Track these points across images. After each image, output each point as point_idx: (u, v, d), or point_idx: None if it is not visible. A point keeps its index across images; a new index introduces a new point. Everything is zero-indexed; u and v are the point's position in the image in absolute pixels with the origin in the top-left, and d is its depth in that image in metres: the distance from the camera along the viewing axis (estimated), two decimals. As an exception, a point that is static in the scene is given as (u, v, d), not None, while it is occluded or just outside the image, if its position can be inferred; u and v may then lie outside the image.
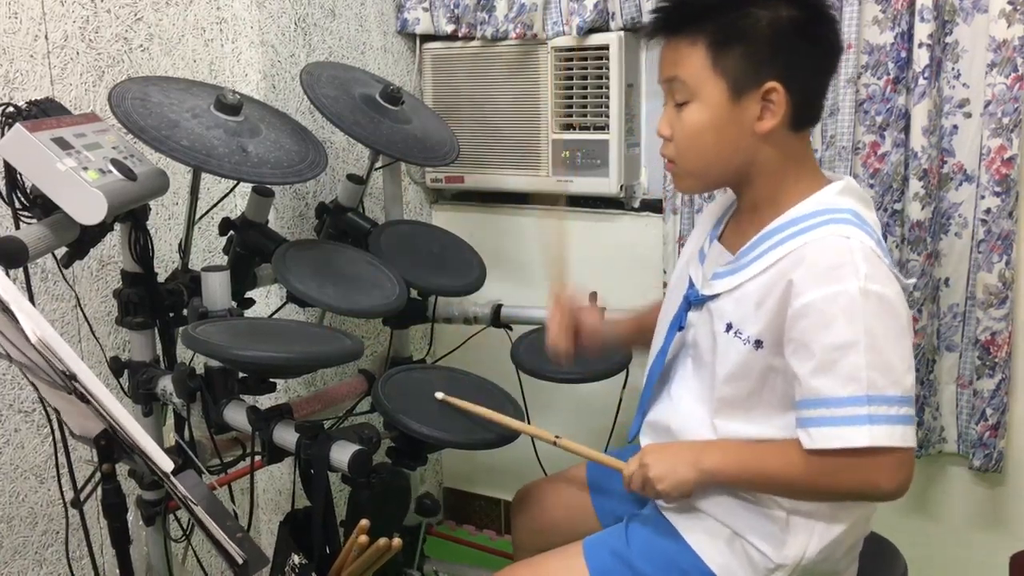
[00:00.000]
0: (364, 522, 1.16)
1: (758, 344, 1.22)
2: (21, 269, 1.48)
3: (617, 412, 1.84)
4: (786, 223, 1.23)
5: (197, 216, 1.69)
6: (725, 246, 1.34)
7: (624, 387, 1.78)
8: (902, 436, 1.13)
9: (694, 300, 1.33)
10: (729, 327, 1.25)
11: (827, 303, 1.14)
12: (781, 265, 1.19)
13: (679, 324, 1.36)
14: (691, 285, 1.35)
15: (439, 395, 1.53)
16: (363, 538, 1.15)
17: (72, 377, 1.03)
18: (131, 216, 1.53)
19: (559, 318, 1.51)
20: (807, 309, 1.15)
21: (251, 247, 1.73)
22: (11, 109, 1.41)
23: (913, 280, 1.83)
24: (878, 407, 1.12)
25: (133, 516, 1.60)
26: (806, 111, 1.25)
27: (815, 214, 1.21)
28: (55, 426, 1.54)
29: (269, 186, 1.72)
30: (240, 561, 0.99)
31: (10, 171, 1.38)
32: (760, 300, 1.21)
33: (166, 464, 1.03)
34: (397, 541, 1.17)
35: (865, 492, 1.17)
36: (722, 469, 1.23)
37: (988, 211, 1.79)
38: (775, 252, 1.21)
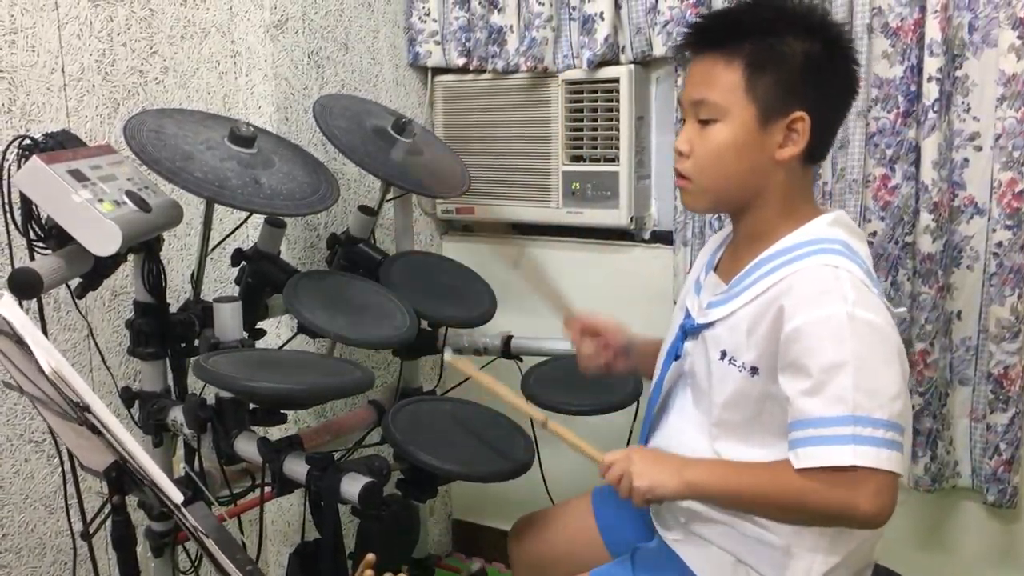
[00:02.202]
0: (370, 556, 1.15)
1: (754, 371, 1.23)
2: (34, 299, 1.49)
3: (628, 444, 1.83)
4: (777, 252, 1.25)
5: (210, 247, 1.69)
6: (720, 276, 1.36)
7: (635, 419, 1.77)
8: (888, 459, 1.12)
9: (690, 329, 1.35)
10: (724, 354, 1.27)
11: (815, 326, 1.15)
12: (771, 292, 1.21)
13: (675, 353, 1.38)
14: (687, 315, 1.37)
15: (448, 356, 1.50)
16: (369, 573, 1.14)
17: (85, 408, 1.03)
18: (145, 247, 1.54)
19: (579, 332, 1.54)
20: (797, 333, 1.16)
21: (263, 278, 1.74)
22: (28, 141, 1.43)
23: (903, 309, 1.82)
24: (863, 428, 1.12)
25: (142, 547, 1.60)
26: (822, 145, 1.29)
27: (805, 244, 1.23)
28: (65, 457, 1.54)
29: (281, 217, 1.73)
30: (249, 594, 0.99)
31: (26, 202, 1.40)
32: (751, 327, 1.23)
33: (176, 496, 1.03)
34: (404, 576, 1.16)
35: (845, 515, 1.15)
36: (705, 482, 1.22)
37: (1000, 244, 1.78)
38: (766, 280, 1.23)
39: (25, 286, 1.27)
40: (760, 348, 1.22)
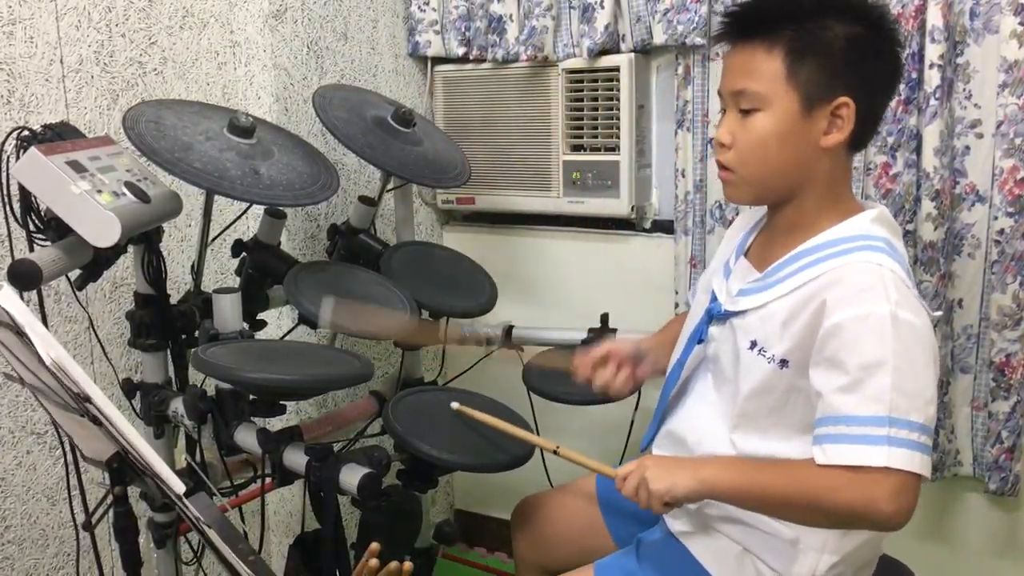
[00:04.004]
0: (374, 545, 1.15)
1: (783, 363, 1.21)
2: (34, 291, 1.49)
3: (629, 433, 1.83)
4: (820, 244, 1.23)
5: (210, 238, 1.69)
6: (752, 262, 1.33)
7: (636, 408, 1.77)
8: (920, 463, 1.11)
9: (716, 314, 1.33)
10: (753, 344, 1.25)
11: (857, 323, 1.13)
12: (813, 286, 1.19)
13: (699, 337, 1.36)
14: (714, 299, 1.35)
15: (455, 405, 1.52)
16: (373, 562, 1.14)
17: (86, 399, 1.03)
18: (144, 238, 1.54)
19: (591, 370, 1.50)
20: (837, 329, 1.15)
21: (263, 269, 1.74)
22: (26, 132, 1.42)
23: (940, 313, 1.81)
24: (899, 430, 1.11)
25: (144, 538, 1.60)
26: (868, 130, 1.26)
27: (850, 239, 1.21)
28: (67, 448, 1.54)
29: (281, 208, 1.73)
30: (251, 584, 0.99)
31: (25, 194, 1.39)
32: (787, 319, 1.21)
33: (178, 486, 1.03)
34: (408, 565, 1.16)
35: (865, 514, 1.14)
36: (721, 479, 1.21)
37: (1002, 232, 1.78)
38: (807, 272, 1.21)
39: (25, 277, 1.27)
40: (794, 341, 1.20)
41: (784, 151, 1.23)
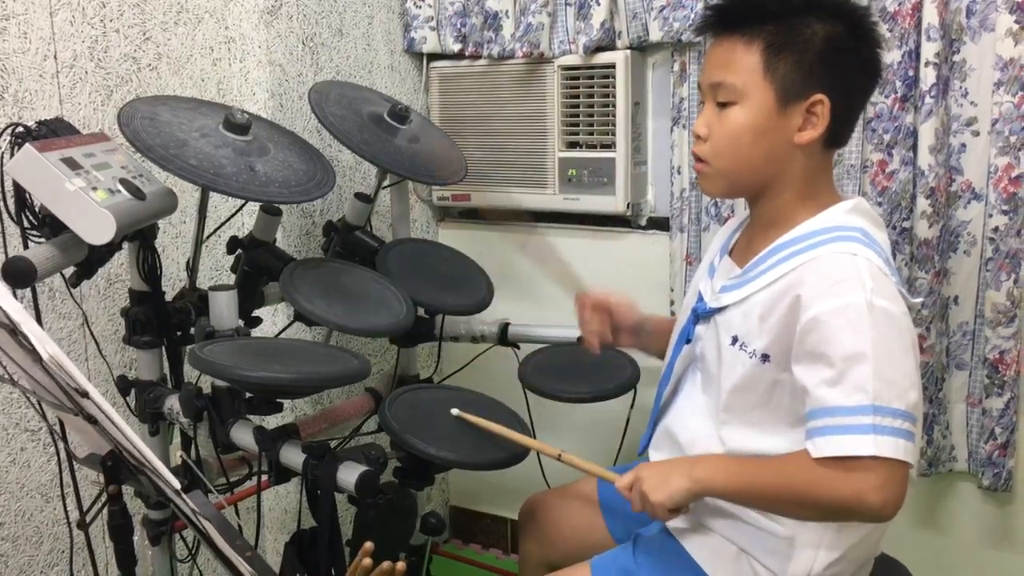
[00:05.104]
0: (368, 545, 1.15)
1: (765, 358, 1.22)
2: (28, 288, 1.48)
3: (624, 431, 1.84)
4: (795, 238, 1.24)
5: (205, 235, 1.69)
6: (734, 260, 1.35)
7: (632, 406, 1.77)
8: (905, 450, 1.12)
9: (702, 313, 1.34)
10: (735, 340, 1.26)
11: (834, 315, 1.14)
12: (787, 280, 1.20)
13: (687, 337, 1.37)
14: (700, 299, 1.37)
15: (455, 411, 1.52)
16: (367, 561, 1.14)
17: (84, 394, 1.03)
18: (139, 235, 1.54)
19: (589, 309, 1.55)
20: (814, 323, 1.15)
21: (259, 266, 1.73)
22: (20, 129, 1.42)
23: (920, 299, 1.82)
24: (883, 418, 1.11)
25: (138, 536, 1.60)
26: (843, 129, 1.27)
27: (824, 231, 1.22)
28: (60, 446, 1.53)
29: (277, 205, 1.72)
30: (249, 580, 0.99)
31: (19, 191, 1.39)
32: (764, 313, 1.22)
33: (175, 482, 1.02)
34: (401, 565, 1.16)
35: (853, 507, 1.14)
36: (715, 478, 1.21)
37: (996, 229, 1.78)
38: (782, 267, 1.22)
39: (19, 275, 1.26)
40: (772, 335, 1.21)
41: (758, 145, 1.24)
